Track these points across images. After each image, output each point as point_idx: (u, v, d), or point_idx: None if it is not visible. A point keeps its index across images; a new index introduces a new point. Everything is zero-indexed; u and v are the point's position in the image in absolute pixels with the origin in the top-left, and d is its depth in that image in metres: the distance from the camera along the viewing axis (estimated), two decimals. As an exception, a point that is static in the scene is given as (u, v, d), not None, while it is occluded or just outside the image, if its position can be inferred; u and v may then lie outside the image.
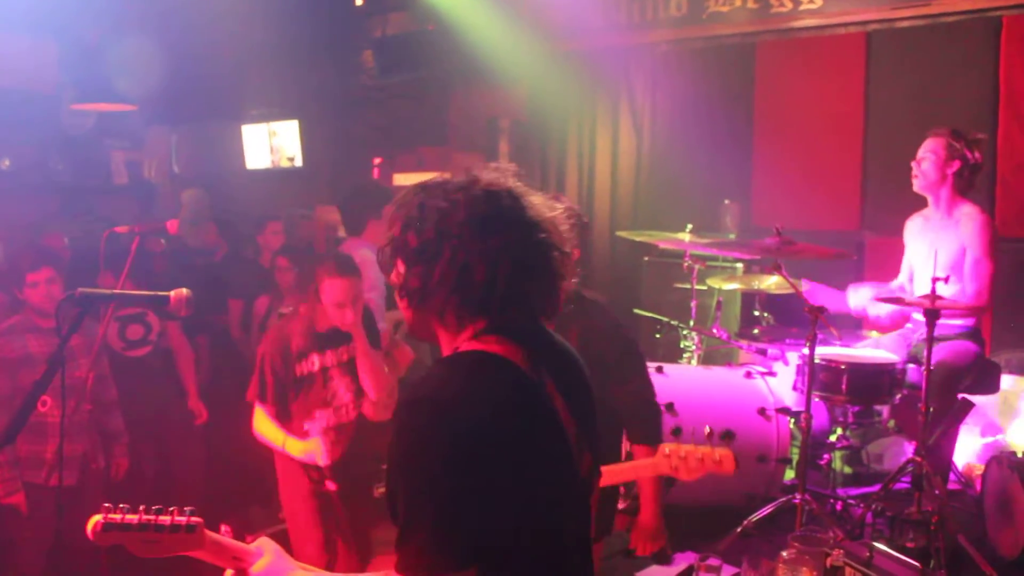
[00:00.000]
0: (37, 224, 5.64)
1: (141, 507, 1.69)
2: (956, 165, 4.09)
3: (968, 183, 4.14)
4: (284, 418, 3.46)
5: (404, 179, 7.13)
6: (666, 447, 2.64)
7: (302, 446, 3.34)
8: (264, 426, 3.42)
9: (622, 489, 3.61)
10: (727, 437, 2.70)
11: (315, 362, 3.47)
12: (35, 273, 3.67)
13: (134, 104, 6.17)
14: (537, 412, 1.61)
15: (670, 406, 3.86)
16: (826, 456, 4.18)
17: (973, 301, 3.98)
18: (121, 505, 1.69)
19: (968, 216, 4.09)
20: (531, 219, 1.67)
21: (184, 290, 2.63)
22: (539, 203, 1.70)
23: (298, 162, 7.31)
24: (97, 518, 1.68)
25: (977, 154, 4.10)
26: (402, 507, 1.49)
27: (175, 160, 7.76)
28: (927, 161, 4.13)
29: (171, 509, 1.69)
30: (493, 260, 1.62)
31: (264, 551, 1.66)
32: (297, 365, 3.44)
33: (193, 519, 1.69)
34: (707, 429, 3.77)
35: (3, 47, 5.00)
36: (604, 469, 2.53)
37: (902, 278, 4.44)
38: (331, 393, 3.50)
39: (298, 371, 3.45)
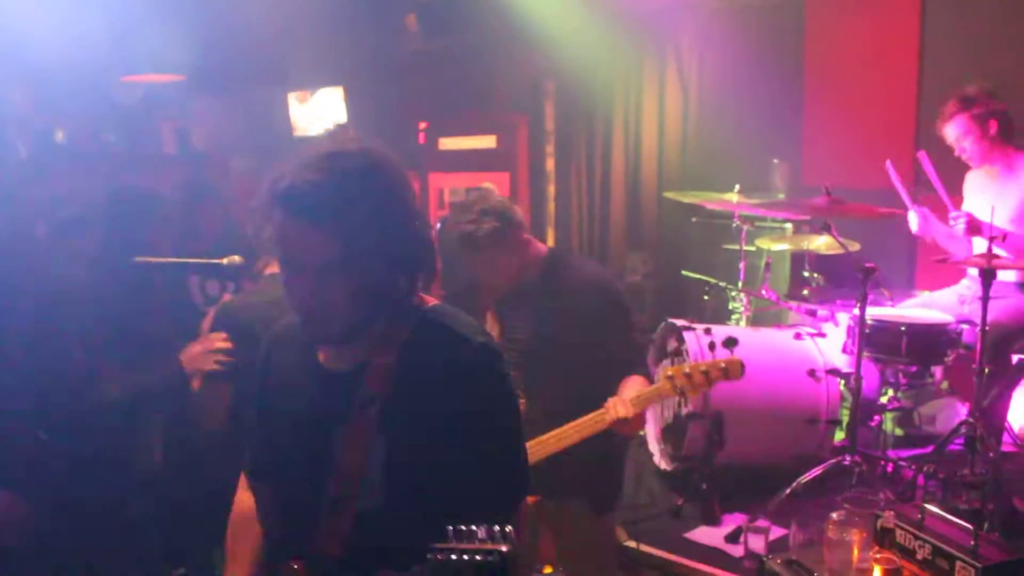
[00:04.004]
0: (88, 197, 5.74)
1: None
2: (994, 125, 4.03)
3: (1010, 131, 4.06)
4: None
5: (449, 143, 7.13)
6: (668, 370, 2.60)
7: None
8: None
9: None
10: (730, 344, 2.62)
11: None
12: None
13: (182, 74, 6.24)
14: None
15: (718, 368, 3.84)
16: (877, 418, 4.14)
17: None
18: None
19: None
20: None
21: (236, 256, 2.72)
22: None
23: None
24: None
25: (998, 103, 4.03)
26: (496, 446, 1.68)
27: (223, 129, 7.84)
28: (967, 140, 4.06)
29: None
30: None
31: None
32: None
33: None
34: (708, 342, 3.73)
35: (53, 22, 5.08)
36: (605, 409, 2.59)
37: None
38: None
39: None
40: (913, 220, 4.25)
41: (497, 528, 1.34)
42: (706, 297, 5.13)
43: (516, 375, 2.77)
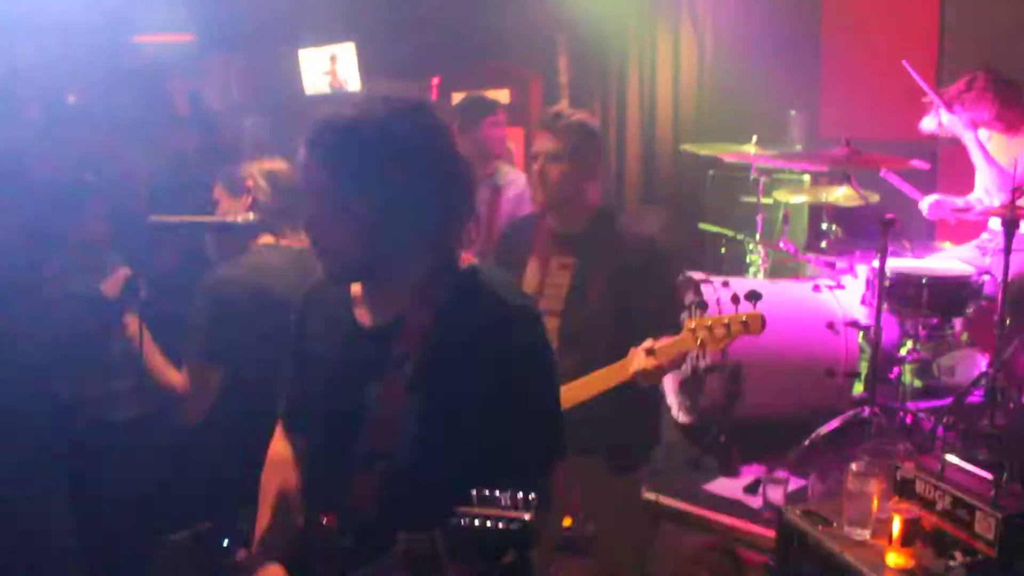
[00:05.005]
0: (101, 159, 5.73)
1: None
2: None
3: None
4: None
5: (462, 98, 7.06)
6: (691, 321, 2.57)
7: None
8: None
9: None
10: (753, 297, 2.58)
11: None
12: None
13: (191, 33, 6.20)
14: None
15: (736, 321, 3.83)
16: (896, 369, 4.12)
17: None
18: None
19: None
20: None
21: (250, 215, 2.71)
22: None
23: (355, 85, 7.29)
24: None
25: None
26: (531, 408, 1.68)
27: (234, 88, 7.79)
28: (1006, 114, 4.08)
29: None
30: None
31: None
32: None
33: None
34: (732, 294, 3.71)
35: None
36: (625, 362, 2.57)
37: (978, 192, 4.32)
38: None
39: None
40: (925, 206, 4.27)
41: (520, 495, 1.34)
42: (723, 250, 5.10)
43: (554, 323, 2.79)
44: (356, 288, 1.78)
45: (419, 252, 1.67)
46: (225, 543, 3.22)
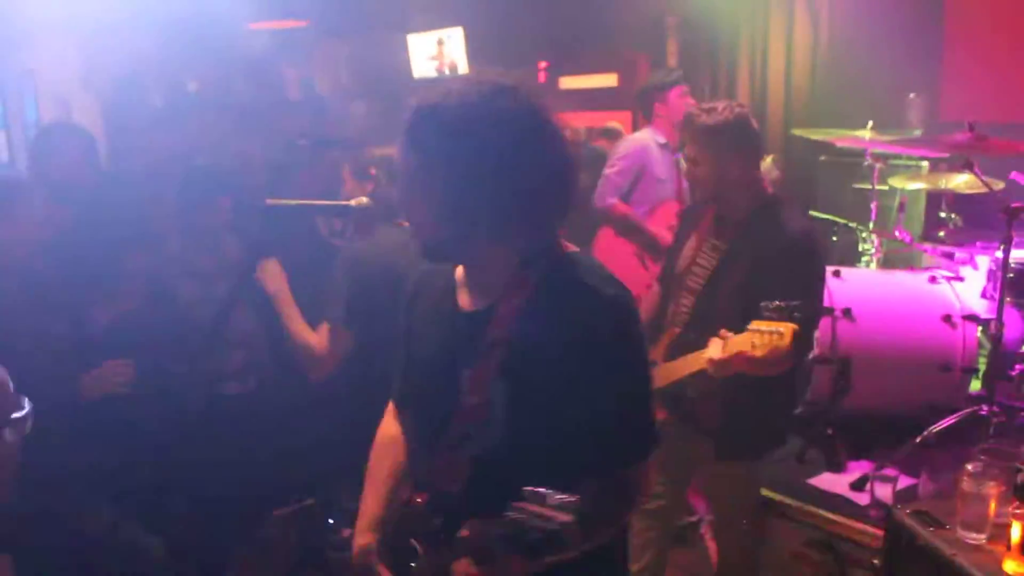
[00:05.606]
0: (219, 143, 5.95)
1: None
2: None
3: None
4: None
5: (570, 82, 7.04)
6: (755, 323, 2.52)
7: None
8: None
9: None
10: (796, 309, 2.50)
11: None
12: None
13: (305, 20, 6.36)
14: None
15: (847, 311, 3.72)
16: (1018, 367, 3.93)
17: None
18: None
19: None
20: None
21: (364, 198, 2.79)
22: None
23: (463, 69, 7.35)
24: None
25: None
26: (618, 403, 1.64)
27: (344, 74, 7.97)
28: None
29: None
30: None
31: None
32: None
33: None
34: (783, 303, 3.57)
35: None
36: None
37: None
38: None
39: None
40: None
41: (565, 496, 1.39)
42: (835, 238, 4.95)
43: (690, 301, 2.84)
44: (460, 272, 1.80)
45: (510, 235, 1.67)
46: (330, 521, 3.33)
